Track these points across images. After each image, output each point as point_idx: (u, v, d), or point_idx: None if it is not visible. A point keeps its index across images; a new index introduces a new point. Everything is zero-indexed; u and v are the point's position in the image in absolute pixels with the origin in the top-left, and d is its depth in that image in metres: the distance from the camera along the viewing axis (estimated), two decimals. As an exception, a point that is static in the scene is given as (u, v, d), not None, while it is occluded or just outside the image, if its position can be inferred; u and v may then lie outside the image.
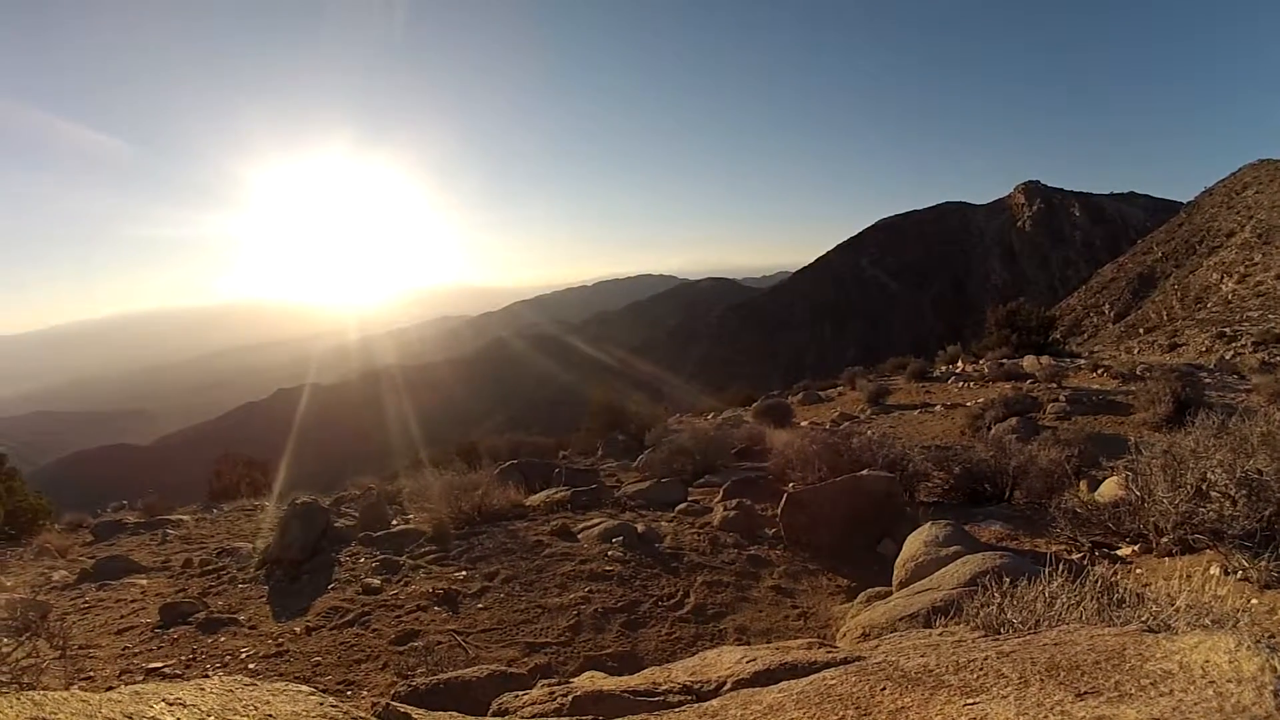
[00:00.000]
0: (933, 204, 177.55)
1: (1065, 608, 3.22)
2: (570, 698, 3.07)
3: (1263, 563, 4.61)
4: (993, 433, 12.03)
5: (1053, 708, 2.02)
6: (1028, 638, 2.77)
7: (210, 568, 7.82)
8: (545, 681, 3.55)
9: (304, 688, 2.36)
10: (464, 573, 6.63)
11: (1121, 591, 3.36)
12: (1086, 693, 2.07)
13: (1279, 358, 23.56)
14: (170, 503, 14.96)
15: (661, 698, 2.96)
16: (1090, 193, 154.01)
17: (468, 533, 7.66)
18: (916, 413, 16.11)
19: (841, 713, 2.30)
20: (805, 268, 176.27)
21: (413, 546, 7.41)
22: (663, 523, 8.07)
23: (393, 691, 4.13)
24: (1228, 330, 32.80)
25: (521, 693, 3.36)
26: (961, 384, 18.74)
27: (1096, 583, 3.36)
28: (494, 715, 3.20)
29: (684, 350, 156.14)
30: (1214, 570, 4.82)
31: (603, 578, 6.39)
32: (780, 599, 6.20)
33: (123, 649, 5.60)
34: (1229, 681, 1.95)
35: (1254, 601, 4.27)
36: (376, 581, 6.52)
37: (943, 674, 2.43)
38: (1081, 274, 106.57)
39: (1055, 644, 2.55)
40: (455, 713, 2.88)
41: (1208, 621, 2.81)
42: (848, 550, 7.09)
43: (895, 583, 5.82)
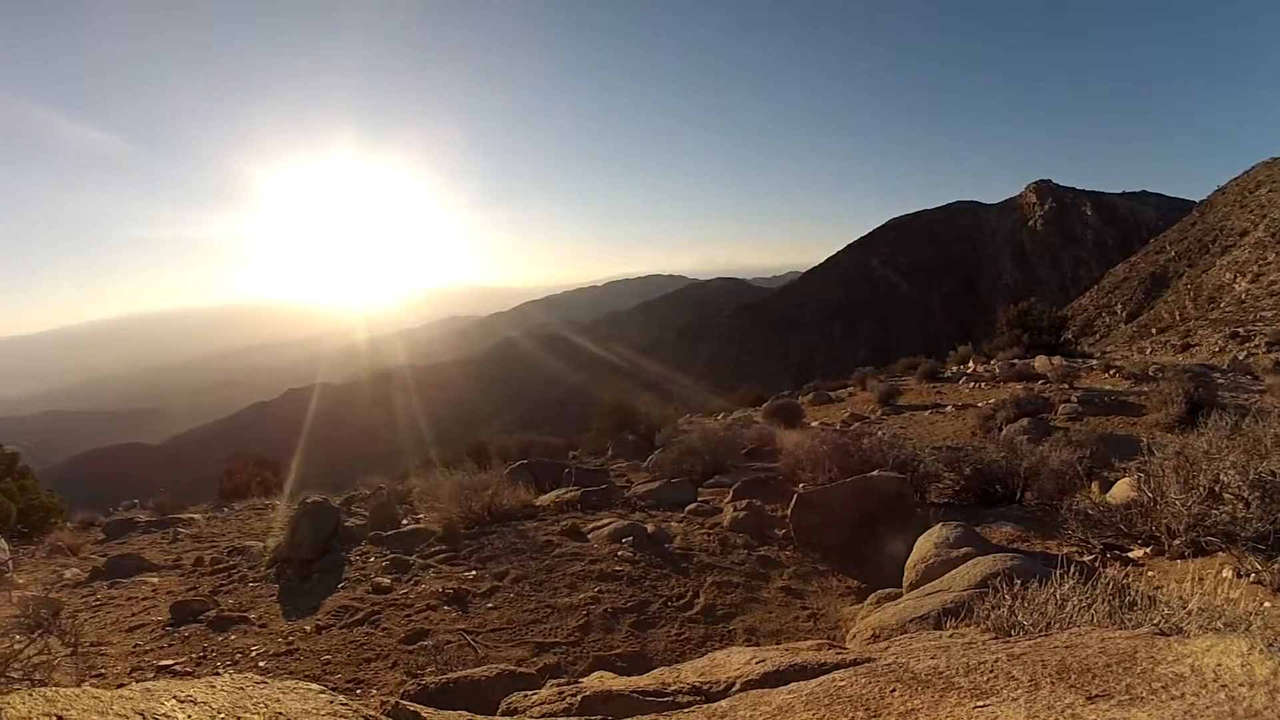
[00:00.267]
0: (943, 203, 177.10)
1: (1076, 610, 3.21)
2: (579, 698, 3.07)
3: (1276, 566, 4.59)
4: (1004, 433, 11.98)
5: (1063, 711, 2.01)
6: (1039, 640, 2.76)
7: (221, 566, 7.86)
8: (554, 681, 3.55)
9: (314, 686, 2.36)
10: (474, 572, 6.65)
11: (1133, 594, 3.35)
12: (1098, 696, 2.06)
13: (1293, 358, 23.36)
14: (181, 501, 15.07)
15: (671, 698, 2.96)
16: (1102, 191, 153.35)
17: (478, 532, 7.67)
18: (927, 413, 16.05)
19: (851, 714, 2.29)
20: (815, 268, 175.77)
21: (423, 546, 7.43)
22: (673, 523, 8.06)
23: (402, 690, 4.15)
24: (1241, 330, 32.54)
25: (531, 692, 3.37)
26: (973, 384, 18.67)
27: (1108, 585, 3.35)
28: (503, 715, 3.21)
29: (694, 350, 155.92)
30: (1226, 573, 4.80)
31: (612, 578, 6.40)
32: (790, 600, 6.19)
33: (134, 646, 5.64)
34: (1241, 685, 1.94)
35: (1267, 605, 4.23)
36: (386, 581, 6.54)
37: (953, 676, 2.42)
38: (1093, 274, 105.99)
39: (1066, 646, 2.54)
40: (465, 712, 2.88)
41: (1220, 625, 2.79)
42: (858, 551, 7.07)
43: (905, 584, 5.80)
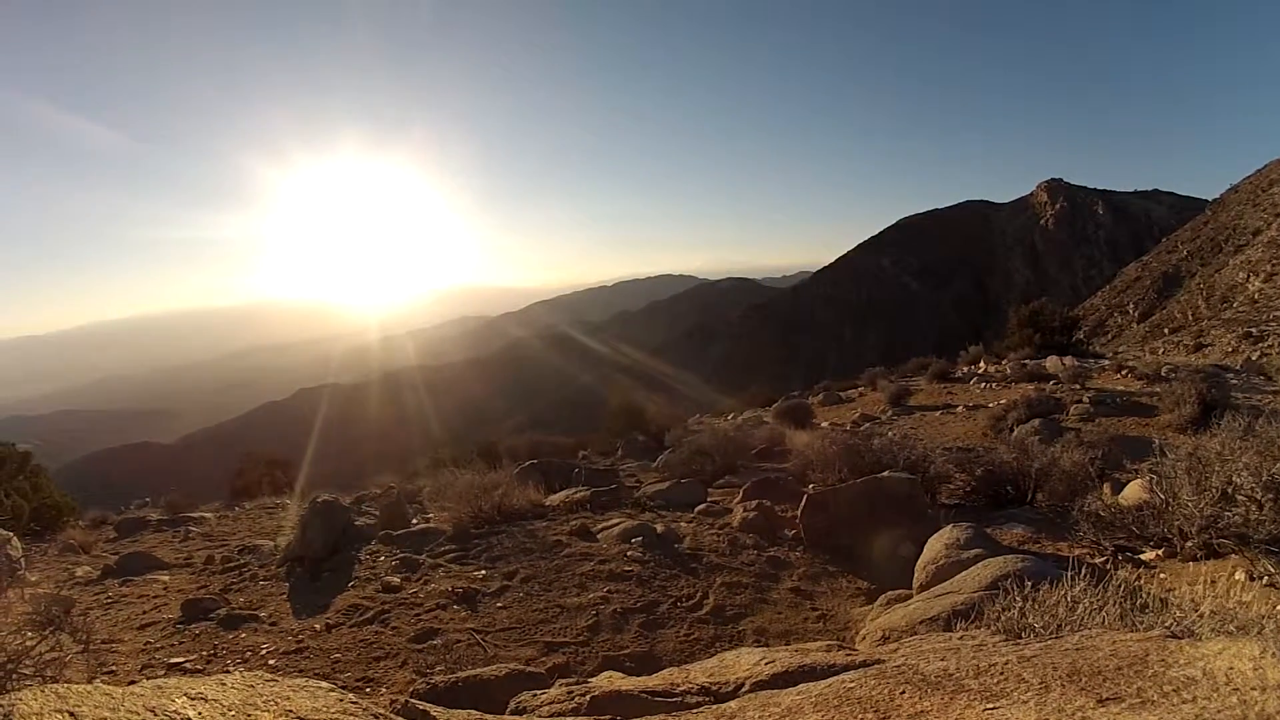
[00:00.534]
0: (954, 203, 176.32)
1: (1088, 612, 3.19)
2: (588, 697, 3.08)
3: (1290, 568, 4.55)
4: (1015, 434, 11.93)
5: (1074, 714, 2.00)
6: (1049, 642, 2.75)
7: (232, 565, 7.91)
8: (563, 681, 3.56)
9: (324, 684, 2.37)
10: (483, 572, 6.66)
11: (1145, 596, 3.33)
12: (1108, 699, 2.05)
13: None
14: (192, 500, 15.17)
15: (679, 698, 2.96)
16: (1114, 190, 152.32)
17: (487, 532, 7.69)
18: (938, 414, 16.01)
19: (860, 716, 2.29)
20: (826, 268, 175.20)
21: (432, 545, 7.45)
22: (682, 523, 8.05)
23: (411, 689, 4.16)
24: (1254, 330, 32.31)
25: (539, 692, 3.37)
26: (984, 385, 18.60)
27: (1119, 587, 3.33)
28: (512, 714, 3.22)
29: (704, 350, 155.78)
30: (1239, 575, 4.76)
31: (622, 578, 6.40)
32: (799, 601, 6.17)
33: (145, 644, 5.68)
34: (1253, 689, 1.93)
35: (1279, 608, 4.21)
36: (396, 580, 6.56)
37: (963, 678, 2.41)
38: (1105, 273, 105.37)
39: (1077, 649, 2.53)
40: (474, 711, 2.89)
41: (1232, 628, 2.77)
42: (868, 552, 7.04)
43: (915, 585, 5.78)
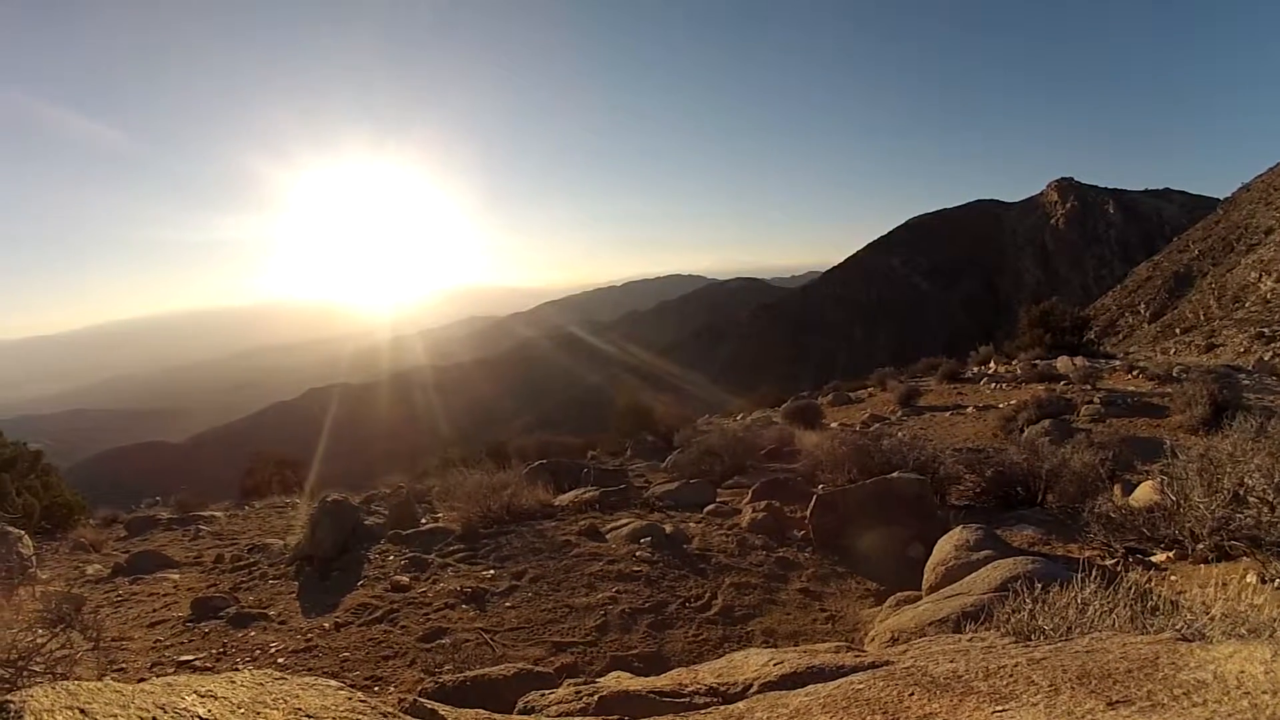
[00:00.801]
0: (964, 202, 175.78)
1: (1098, 615, 3.17)
2: (596, 697, 3.08)
3: (1302, 570, 4.52)
4: (1025, 435, 11.87)
5: (1084, 716, 1.99)
6: (1059, 645, 2.74)
7: (241, 563, 7.94)
8: (571, 681, 3.56)
9: (333, 682, 2.38)
10: (492, 571, 6.67)
11: (1155, 599, 3.32)
12: (1118, 701, 2.04)
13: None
14: (202, 499, 15.24)
15: (688, 699, 2.96)
16: (1125, 189, 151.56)
17: (496, 532, 7.70)
18: (948, 414, 15.94)
19: (869, 717, 2.28)
20: (835, 268, 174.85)
21: (441, 545, 7.47)
22: (691, 524, 8.04)
23: (420, 688, 4.17)
24: (1267, 330, 32.11)
25: (548, 691, 3.37)
26: (994, 385, 18.52)
27: (1130, 589, 3.32)
28: (520, 713, 3.22)
29: (712, 351, 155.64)
30: (1251, 578, 4.72)
31: (630, 578, 6.40)
32: (808, 602, 6.16)
33: (155, 642, 5.71)
34: (1264, 693, 1.92)
35: (1292, 610, 4.18)
36: (405, 579, 6.58)
37: (972, 680, 2.40)
38: (1116, 273, 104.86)
39: (1087, 651, 2.52)
40: (482, 710, 2.89)
41: (1243, 631, 2.75)
42: (877, 553, 7.02)
43: (925, 587, 5.76)
